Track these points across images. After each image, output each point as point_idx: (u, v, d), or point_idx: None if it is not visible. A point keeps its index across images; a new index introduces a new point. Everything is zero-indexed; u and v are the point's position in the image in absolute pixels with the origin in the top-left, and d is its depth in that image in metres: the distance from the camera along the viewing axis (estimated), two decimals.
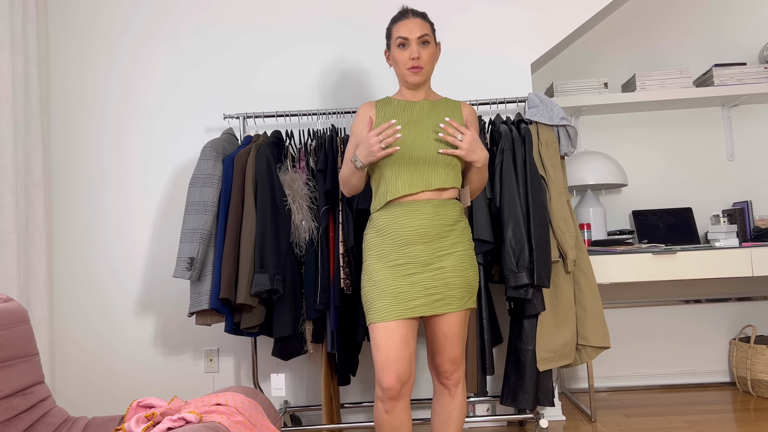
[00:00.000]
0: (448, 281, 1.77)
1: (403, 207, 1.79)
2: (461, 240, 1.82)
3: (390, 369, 1.71)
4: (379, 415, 1.76)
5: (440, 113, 1.89)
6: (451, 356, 1.82)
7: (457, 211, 1.85)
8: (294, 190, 2.46)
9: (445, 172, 1.81)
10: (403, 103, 1.90)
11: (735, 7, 3.42)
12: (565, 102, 3.11)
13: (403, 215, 1.78)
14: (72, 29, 2.98)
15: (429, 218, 1.77)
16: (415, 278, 1.75)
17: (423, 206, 1.78)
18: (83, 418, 1.84)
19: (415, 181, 1.79)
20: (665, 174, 3.38)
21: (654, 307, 3.35)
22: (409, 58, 1.83)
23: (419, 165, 1.80)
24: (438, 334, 1.81)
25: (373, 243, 1.83)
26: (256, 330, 2.42)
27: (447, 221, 1.80)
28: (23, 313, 1.80)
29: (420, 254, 1.76)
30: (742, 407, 2.81)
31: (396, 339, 1.72)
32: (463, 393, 1.87)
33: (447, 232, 1.80)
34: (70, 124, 2.96)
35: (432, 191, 1.81)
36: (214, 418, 1.57)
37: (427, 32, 1.84)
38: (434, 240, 1.77)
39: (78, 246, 2.91)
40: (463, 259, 1.81)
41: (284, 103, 2.94)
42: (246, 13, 2.96)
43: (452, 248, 1.80)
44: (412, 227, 1.77)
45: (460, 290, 1.79)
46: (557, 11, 2.90)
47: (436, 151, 1.80)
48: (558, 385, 2.92)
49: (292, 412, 2.79)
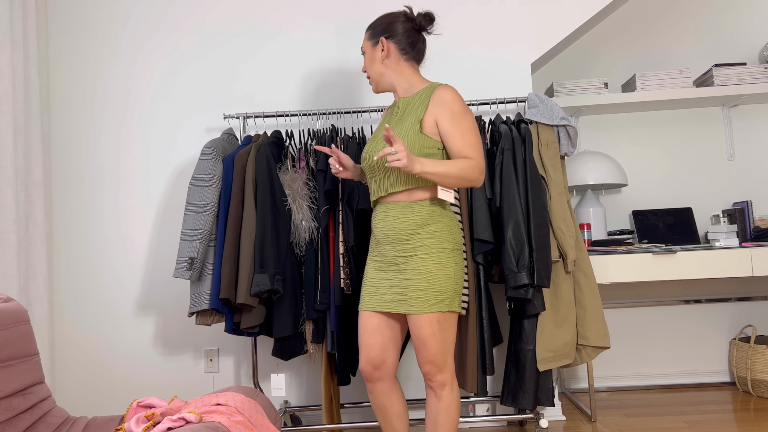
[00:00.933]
0: (410, 283, 1.78)
1: (378, 208, 1.90)
2: (426, 243, 1.78)
3: (362, 353, 1.90)
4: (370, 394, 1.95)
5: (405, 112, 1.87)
6: (427, 358, 1.79)
7: (424, 214, 1.80)
8: (294, 190, 2.46)
9: (396, 176, 1.82)
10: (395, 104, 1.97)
11: (735, 7, 3.42)
12: (565, 102, 3.11)
13: (376, 216, 1.90)
14: (72, 29, 2.98)
15: (391, 221, 1.83)
16: (387, 275, 1.84)
17: (391, 208, 1.85)
18: (83, 418, 1.84)
19: (377, 186, 1.89)
20: (665, 174, 3.38)
21: (654, 307, 3.35)
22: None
23: (375, 170, 1.87)
24: (413, 336, 1.82)
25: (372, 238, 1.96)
26: (256, 330, 2.42)
27: (409, 225, 1.80)
28: (23, 313, 1.80)
29: (388, 254, 1.85)
30: (742, 407, 2.81)
31: (367, 327, 1.87)
32: (450, 396, 1.83)
33: (409, 235, 1.80)
34: (70, 124, 2.96)
35: (402, 192, 1.83)
36: (214, 418, 1.57)
37: (362, 44, 1.99)
38: (397, 242, 1.82)
39: (78, 246, 2.91)
40: (426, 262, 1.77)
41: (284, 103, 2.94)
42: (246, 11, 2.96)
43: (416, 251, 1.79)
44: (380, 228, 1.87)
45: (424, 293, 1.76)
46: (557, 11, 2.90)
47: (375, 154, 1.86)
48: (558, 385, 2.92)
49: (292, 412, 2.79)
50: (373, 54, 1.93)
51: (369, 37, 1.95)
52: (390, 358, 1.89)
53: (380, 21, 1.94)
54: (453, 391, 1.84)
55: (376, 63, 1.93)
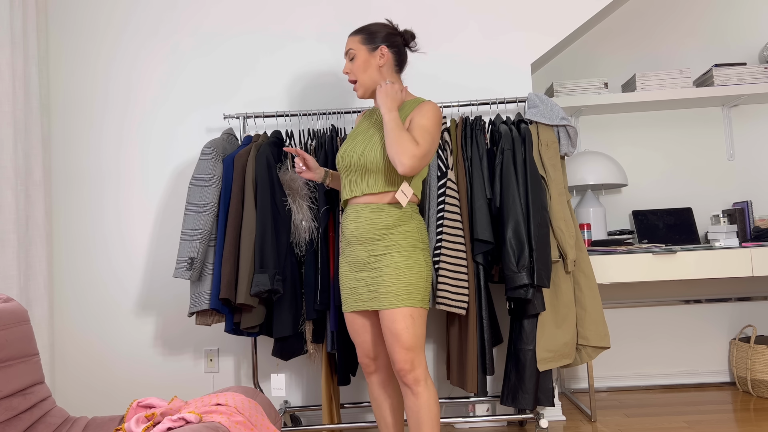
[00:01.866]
0: (383, 279, 1.83)
1: (349, 209, 1.95)
2: (397, 243, 1.85)
3: (357, 349, 2.00)
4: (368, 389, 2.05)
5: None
6: (400, 353, 1.81)
7: (395, 216, 1.87)
8: (294, 190, 2.46)
9: (373, 178, 1.88)
10: (375, 111, 2.03)
11: (735, 7, 3.42)
12: (565, 102, 3.11)
13: (347, 217, 1.93)
14: (72, 29, 2.98)
15: (364, 221, 1.88)
16: (361, 275, 1.89)
17: (362, 210, 1.89)
18: (83, 418, 1.84)
19: (352, 186, 1.93)
20: (665, 174, 3.38)
21: (654, 307, 3.35)
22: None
23: (351, 172, 1.92)
24: (384, 332, 1.85)
25: (341, 241, 2.00)
26: (256, 330, 2.42)
27: (381, 225, 1.86)
28: (23, 313, 1.80)
29: (360, 254, 1.89)
30: (742, 407, 2.81)
31: (354, 327, 1.97)
32: (426, 391, 1.83)
33: (381, 235, 1.86)
34: (70, 124, 2.96)
35: (373, 195, 1.89)
36: (214, 418, 1.57)
37: (351, 46, 1.94)
38: (368, 242, 1.87)
39: (78, 246, 2.91)
40: (398, 260, 1.83)
41: (284, 103, 2.94)
42: (246, 12, 2.96)
43: (387, 250, 1.85)
44: (351, 229, 1.91)
45: (396, 288, 1.82)
46: (557, 11, 2.90)
47: (354, 157, 1.90)
48: (558, 385, 2.92)
49: (292, 412, 2.79)
50: (370, 59, 1.93)
51: (365, 42, 1.93)
52: (384, 352, 1.99)
53: (379, 28, 1.95)
54: (429, 387, 1.84)
55: (371, 69, 1.94)
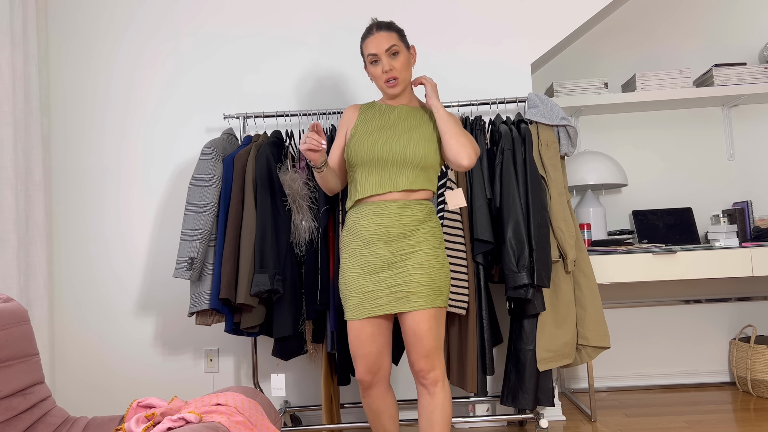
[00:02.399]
0: (412, 279, 1.79)
1: (369, 206, 1.86)
2: (427, 239, 1.84)
3: (359, 363, 1.87)
4: (363, 400, 1.95)
5: (416, 118, 1.95)
6: (423, 354, 1.80)
7: (425, 211, 1.87)
8: (294, 190, 2.46)
9: (414, 174, 1.85)
10: (383, 107, 1.98)
11: (735, 7, 3.42)
12: (565, 102, 3.11)
13: (368, 214, 1.85)
14: (72, 29, 2.98)
15: (392, 218, 1.82)
16: (380, 276, 1.81)
17: (388, 206, 1.83)
18: (83, 418, 1.84)
19: (383, 182, 1.85)
20: (665, 174, 3.38)
21: (654, 307, 3.35)
22: (382, 72, 1.89)
23: (387, 166, 1.85)
24: (408, 332, 1.81)
25: (345, 242, 1.91)
26: (256, 330, 2.42)
27: (411, 221, 1.83)
28: (23, 313, 1.80)
29: (384, 253, 1.82)
30: (742, 407, 2.81)
31: (362, 337, 1.84)
32: (443, 391, 1.84)
33: (411, 231, 1.82)
34: (70, 124, 2.96)
35: (400, 192, 1.85)
36: (214, 418, 1.57)
37: (394, 42, 1.88)
38: (397, 239, 1.82)
39: (78, 246, 2.91)
40: (428, 258, 1.82)
41: (284, 103, 2.94)
42: (246, 12, 2.96)
43: (416, 247, 1.82)
44: (375, 226, 1.83)
45: (425, 288, 1.79)
46: (557, 11, 2.90)
47: (403, 152, 1.84)
48: (558, 385, 2.92)
49: (292, 412, 2.79)
50: (408, 57, 1.94)
51: (402, 39, 1.92)
52: (386, 364, 1.91)
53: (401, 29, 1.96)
54: (445, 388, 1.85)
55: (410, 67, 1.95)
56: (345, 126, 2.01)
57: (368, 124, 1.94)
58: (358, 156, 1.88)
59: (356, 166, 1.90)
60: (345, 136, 2.01)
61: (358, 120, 1.98)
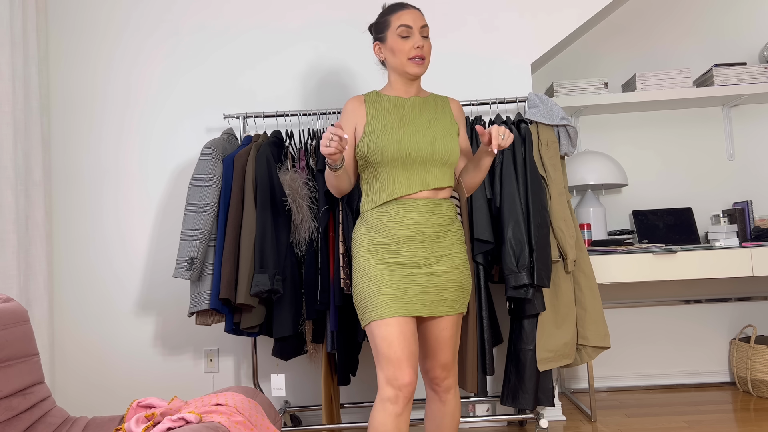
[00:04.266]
0: (444, 284, 1.71)
1: (399, 205, 1.73)
2: (457, 242, 1.77)
3: (407, 365, 1.61)
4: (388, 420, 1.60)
5: (431, 110, 1.84)
6: (443, 362, 1.76)
7: (453, 211, 1.80)
8: (294, 190, 2.46)
9: (441, 171, 1.77)
10: (394, 99, 1.83)
11: (735, 7, 3.42)
12: (565, 102, 3.11)
13: (399, 213, 1.73)
14: (72, 29, 2.98)
15: (426, 217, 1.72)
16: (410, 278, 1.69)
17: (420, 205, 1.73)
18: (83, 418, 1.84)
19: (412, 181, 1.74)
20: (665, 174, 3.38)
21: (654, 307, 3.35)
22: (413, 47, 1.77)
23: (416, 164, 1.75)
24: (430, 338, 1.75)
25: (365, 239, 1.75)
26: (256, 330, 2.42)
27: (443, 221, 1.75)
28: (23, 313, 1.80)
29: (415, 254, 1.71)
30: (742, 407, 2.81)
31: (407, 334, 1.64)
32: (455, 399, 1.80)
33: (443, 232, 1.74)
34: (70, 124, 2.96)
35: (429, 190, 1.76)
36: (214, 418, 1.57)
37: (426, 24, 1.81)
38: (430, 240, 1.72)
39: (78, 246, 2.91)
40: (459, 262, 1.76)
41: (284, 102, 2.94)
42: (245, 11, 2.96)
43: (448, 249, 1.74)
44: (408, 225, 1.71)
45: (455, 293, 1.74)
46: (557, 11, 2.90)
47: (431, 149, 1.74)
48: (558, 385, 2.92)
49: (292, 412, 2.79)
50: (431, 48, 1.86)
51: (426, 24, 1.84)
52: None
53: None
54: (456, 395, 1.81)
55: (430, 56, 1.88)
56: (353, 121, 1.83)
57: (384, 119, 1.79)
58: (384, 155, 1.73)
59: (380, 165, 1.76)
60: (354, 133, 1.83)
61: (370, 114, 1.81)
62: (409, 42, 1.77)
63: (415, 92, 1.86)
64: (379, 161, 1.75)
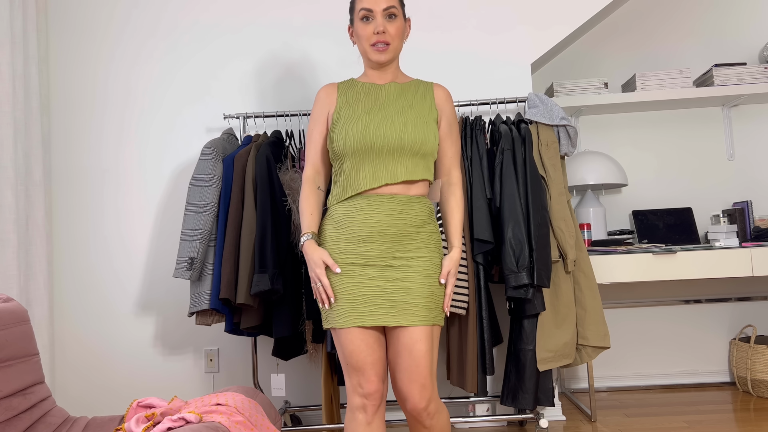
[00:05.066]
0: (413, 289, 1.55)
1: (364, 199, 1.59)
2: (428, 245, 1.61)
3: (372, 372, 1.55)
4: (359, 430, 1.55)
5: (408, 97, 1.69)
6: (418, 382, 1.53)
7: (426, 211, 1.64)
8: (294, 190, 2.46)
9: (412, 163, 1.61)
10: (367, 86, 1.70)
11: (735, 7, 3.42)
12: (565, 102, 3.11)
13: (363, 208, 1.58)
14: (72, 29, 2.98)
15: (391, 216, 1.57)
16: (375, 282, 1.55)
17: (386, 201, 1.58)
18: (83, 418, 1.84)
19: (378, 174, 1.59)
20: (665, 174, 3.38)
21: (654, 307, 3.35)
22: (373, 32, 1.63)
23: (383, 155, 1.60)
24: (402, 352, 1.54)
25: (328, 236, 1.62)
26: (256, 330, 2.42)
27: (412, 222, 1.59)
28: (23, 313, 1.80)
29: (378, 254, 1.56)
30: (742, 407, 2.81)
31: (368, 342, 1.55)
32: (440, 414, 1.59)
33: (411, 234, 1.59)
34: (70, 124, 2.96)
35: (398, 184, 1.60)
36: (214, 418, 1.57)
37: (393, 4, 1.64)
38: (395, 241, 1.57)
39: (78, 246, 2.91)
40: (429, 266, 1.58)
41: (284, 103, 2.94)
42: (246, 11, 2.96)
43: (417, 252, 1.58)
44: (371, 223, 1.57)
45: (426, 300, 1.55)
46: (557, 11, 2.90)
47: (399, 138, 1.59)
48: (558, 385, 2.92)
49: (292, 412, 2.79)
50: (404, 26, 1.70)
51: (401, 6, 1.68)
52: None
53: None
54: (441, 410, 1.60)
55: (403, 37, 1.70)
56: (325, 110, 1.70)
57: (353, 107, 1.66)
58: (346, 145, 1.60)
59: (344, 157, 1.62)
60: (327, 122, 1.71)
61: (340, 102, 1.68)
62: (370, 26, 1.64)
63: (392, 78, 1.73)
64: (342, 152, 1.62)
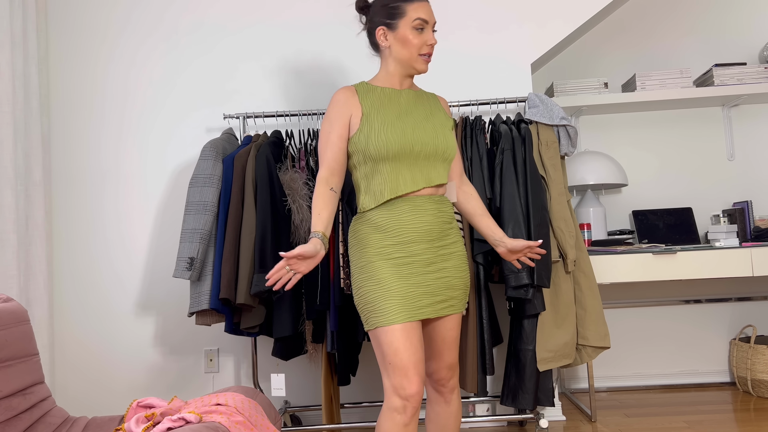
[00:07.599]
0: (451, 282, 1.68)
1: (406, 203, 1.66)
2: (458, 239, 1.75)
3: (414, 373, 1.57)
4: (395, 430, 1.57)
5: (425, 105, 1.78)
6: (449, 362, 1.74)
7: (452, 210, 1.78)
8: (294, 190, 2.46)
9: (442, 167, 1.72)
10: (387, 91, 1.74)
11: (735, 6, 3.42)
12: (565, 102, 3.11)
13: (407, 211, 1.65)
14: (72, 29, 2.98)
15: (433, 215, 1.68)
16: (419, 278, 1.64)
17: (426, 202, 1.68)
18: (83, 418, 1.84)
19: (416, 177, 1.67)
20: (665, 174, 3.38)
21: (654, 307, 3.35)
22: (426, 43, 1.70)
23: (420, 160, 1.68)
24: (437, 339, 1.72)
25: (372, 240, 1.66)
26: (256, 330, 2.42)
27: (446, 218, 1.71)
28: (23, 313, 1.80)
29: (423, 253, 1.65)
30: (742, 407, 2.81)
31: (414, 340, 1.58)
32: (458, 399, 1.79)
33: (448, 230, 1.71)
34: (70, 124, 2.96)
35: (432, 187, 1.71)
36: (214, 418, 1.57)
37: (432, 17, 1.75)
38: (437, 238, 1.68)
39: (78, 246, 2.91)
40: (462, 260, 1.74)
41: (284, 103, 2.94)
42: (246, 10, 2.96)
43: (453, 248, 1.71)
44: (417, 224, 1.65)
45: (461, 292, 1.72)
46: (557, 11, 2.90)
47: (434, 143, 1.68)
48: (558, 385, 2.92)
49: (292, 412, 2.79)
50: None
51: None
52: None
53: None
54: (459, 395, 1.81)
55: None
56: (346, 112, 1.71)
57: (382, 111, 1.70)
58: (388, 149, 1.64)
59: (382, 161, 1.66)
60: (347, 126, 1.71)
61: (366, 106, 1.71)
62: (423, 37, 1.70)
63: (409, 85, 1.80)
64: (384, 155, 1.65)
